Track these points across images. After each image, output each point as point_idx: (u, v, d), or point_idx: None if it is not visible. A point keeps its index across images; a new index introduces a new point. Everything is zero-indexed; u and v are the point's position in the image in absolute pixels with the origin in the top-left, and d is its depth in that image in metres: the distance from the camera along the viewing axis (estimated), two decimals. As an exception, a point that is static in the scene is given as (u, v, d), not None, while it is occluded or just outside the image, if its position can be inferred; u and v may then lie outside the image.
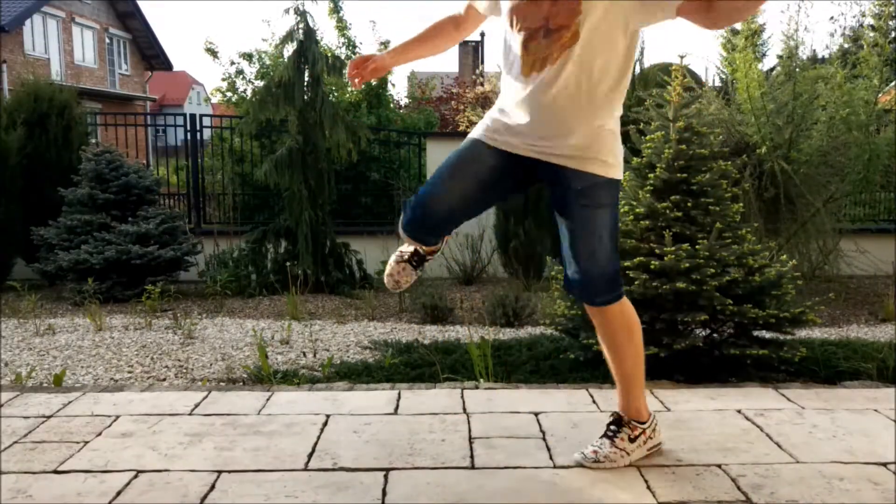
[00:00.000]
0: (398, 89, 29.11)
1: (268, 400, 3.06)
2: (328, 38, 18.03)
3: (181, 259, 6.89)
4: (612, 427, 2.41)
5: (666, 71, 4.83)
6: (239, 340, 4.67)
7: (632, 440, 2.38)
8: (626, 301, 2.37)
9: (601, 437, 2.41)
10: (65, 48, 24.33)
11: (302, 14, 6.78)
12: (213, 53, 12.46)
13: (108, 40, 26.76)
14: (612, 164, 2.28)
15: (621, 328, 2.37)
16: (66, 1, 24.11)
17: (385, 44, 12.74)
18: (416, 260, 2.53)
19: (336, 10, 11.83)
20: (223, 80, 12.61)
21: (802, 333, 4.05)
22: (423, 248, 2.51)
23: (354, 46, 12.11)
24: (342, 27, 12.03)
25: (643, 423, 2.40)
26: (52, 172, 7.39)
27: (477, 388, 3.24)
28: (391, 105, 13.05)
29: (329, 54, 7.04)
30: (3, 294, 6.60)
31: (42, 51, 23.20)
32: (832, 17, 10.07)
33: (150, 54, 28.82)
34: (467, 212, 2.40)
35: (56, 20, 23.85)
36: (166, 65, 29.67)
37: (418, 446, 2.54)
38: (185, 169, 9.93)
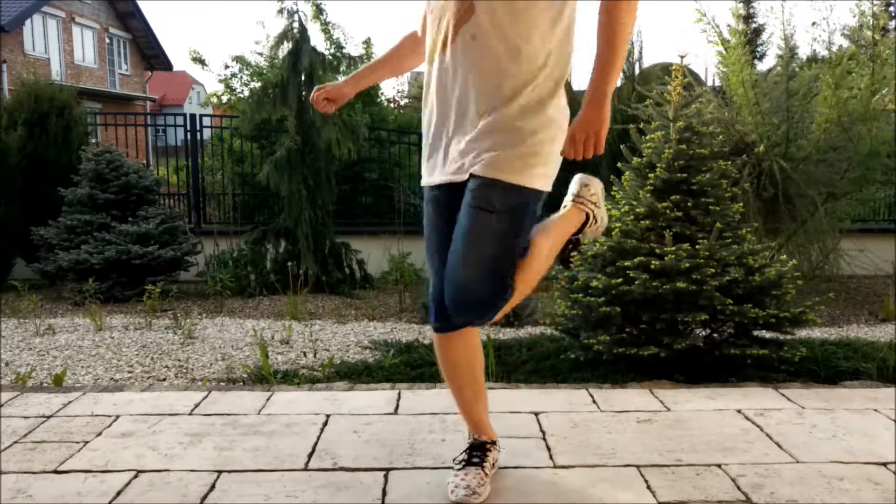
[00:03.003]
0: (392, 88, 29.11)
1: (268, 400, 3.06)
2: (315, 40, 18.09)
3: (181, 259, 6.89)
4: (475, 452, 2.25)
5: (666, 70, 4.83)
6: (239, 340, 4.67)
7: (492, 463, 2.28)
8: (477, 330, 2.22)
9: (465, 463, 2.23)
10: (65, 48, 24.32)
11: (296, 14, 6.78)
12: (200, 62, 12.48)
13: (108, 40, 26.75)
14: (516, 164, 1.94)
15: (474, 349, 2.26)
16: (66, 1, 24.11)
17: (367, 42, 12.80)
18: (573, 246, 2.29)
19: (319, 12, 11.84)
20: (220, 81, 12.64)
21: (802, 333, 4.05)
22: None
23: (341, 48, 12.13)
24: (327, 29, 12.06)
25: (495, 442, 2.32)
26: (52, 172, 7.39)
27: (477, 387, 3.23)
28: (387, 105, 13.05)
29: (324, 54, 7.02)
30: (3, 294, 6.60)
31: (42, 51, 23.19)
32: (814, 23, 10.06)
33: (150, 54, 28.82)
34: None
35: (56, 20, 23.85)
36: (166, 65, 29.66)
37: (418, 446, 2.54)
38: (185, 169, 9.93)
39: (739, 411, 2.89)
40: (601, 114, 1.89)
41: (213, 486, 2.24)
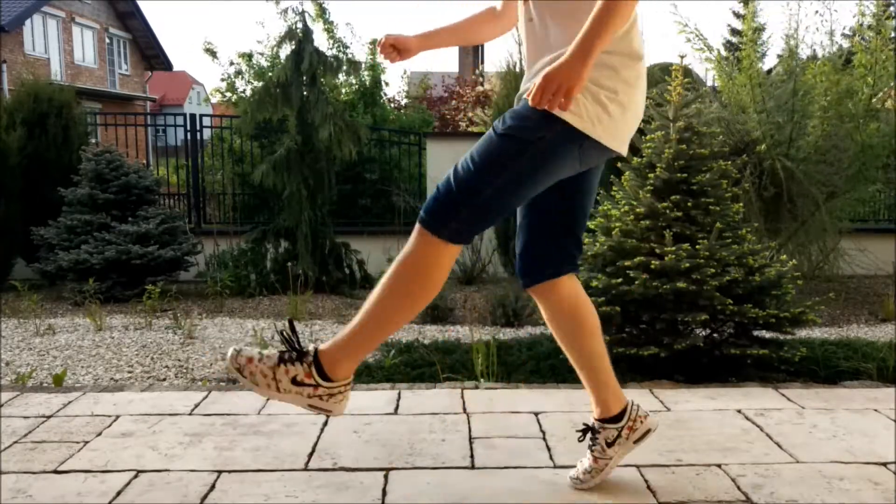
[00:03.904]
0: (395, 88, 29.14)
1: (268, 400, 3.06)
2: (318, 40, 18.11)
3: (181, 259, 6.90)
4: (301, 356, 1.92)
5: (666, 71, 4.83)
6: (239, 340, 4.67)
7: (295, 382, 1.89)
8: (441, 248, 1.88)
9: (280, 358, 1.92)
10: (65, 48, 24.33)
11: (300, 14, 6.78)
12: (212, 54, 12.49)
13: (108, 40, 26.77)
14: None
15: (410, 262, 1.90)
16: (66, 1, 24.11)
17: (373, 42, 12.78)
18: None
19: (322, 12, 11.86)
20: (222, 80, 12.65)
21: (802, 333, 4.05)
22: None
23: (346, 47, 12.15)
24: (330, 29, 12.08)
25: (325, 378, 1.90)
26: (51, 172, 7.39)
27: (477, 388, 3.24)
28: (390, 106, 13.07)
29: (326, 55, 7.03)
30: (3, 294, 6.61)
31: (42, 51, 23.21)
32: (817, 11, 10.00)
33: (150, 54, 28.84)
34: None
35: (56, 20, 23.86)
36: (166, 65, 29.69)
37: (418, 446, 2.54)
38: (185, 169, 9.93)
39: (739, 411, 2.89)
40: (582, 68, 1.73)
41: (213, 486, 2.24)
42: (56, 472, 2.35)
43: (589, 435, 2.22)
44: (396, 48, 2.22)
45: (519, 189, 1.89)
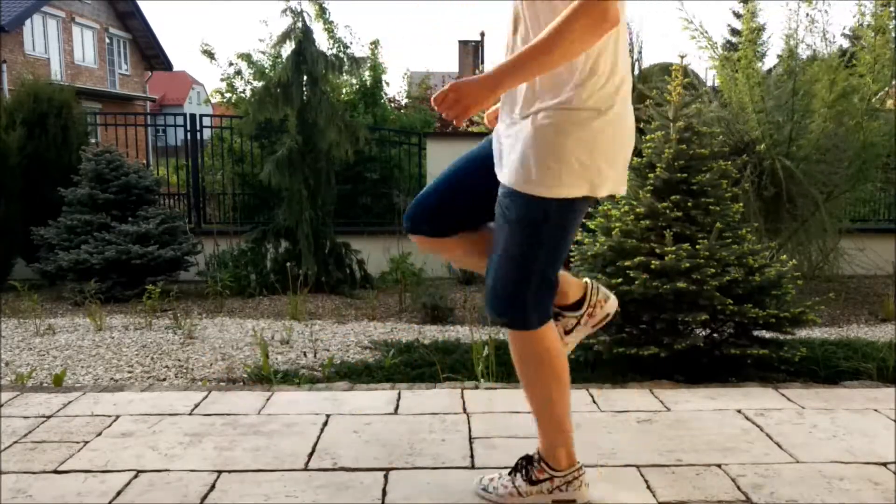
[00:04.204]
0: (395, 88, 29.14)
1: (268, 400, 3.06)
2: (319, 39, 18.15)
3: (181, 259, 6.90)
4: (522, 461, 2.15)
5: (666, 71, 4.83)
6: (239, 340, 4.67)
7: (532, 482, 2.09)
8: (540, 336, 2.01)
9: (511, 470, 2.16)
10: (65, 48, 24.33)
11: (299, 14, 6.78)
12: (210, 55, 12.49)
13: (108, 40, 26.77)
14: (530, 175, 1.87)
15: (525, 359, 2.05)
16: (66, 1, 24.11)
17: (375, 43, 12.77)
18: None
19: (322, 12, 11.85)
20: (222, 80, 12.64)
21: (802, 333, 4.05)
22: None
23: (346, 47, 12.14)
24: (330, 29, 12.07)
25: (557, 470, 2.09)
26: (51, 172, 7.39)
27: (477, 388, 3.24)
28: (389, 106, 13.06)
29: (327, 54, 7.03)
30: (3, 294, 6.61)
31: (42, 51, 23.20)
32: (808, 14, 9.95)
33: (150, 54, 28.83)
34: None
35: (56, 20, 23.85)
36: (166, 65, 29.68)
37: (418, 446, 2.54)
38: (184, 169, 9.93)
39: (739, 411, 2.89)
40: (484, 91, 1.77)
41: (213, 486, 2.24)
42: (56, 472, 2.35)
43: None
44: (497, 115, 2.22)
45: (558, 252, 1.99)
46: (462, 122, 1.82)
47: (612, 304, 2.24)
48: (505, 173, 1.95)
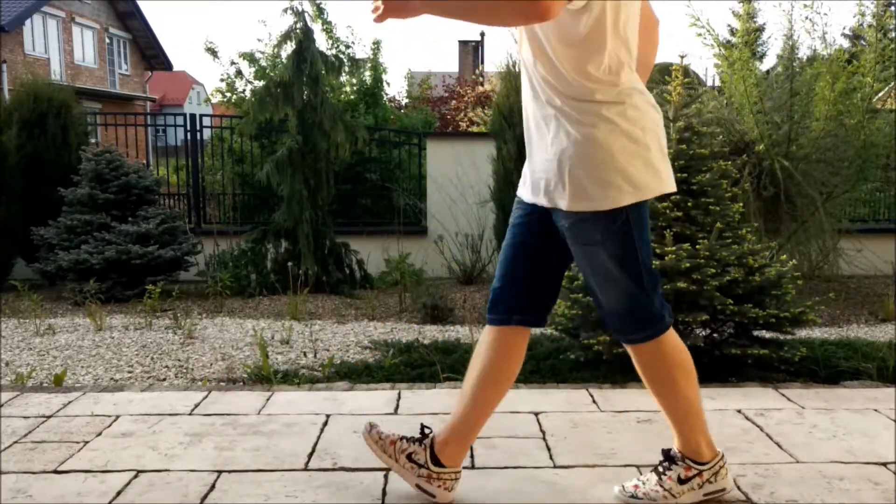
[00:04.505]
0: (396, 88, 29.12)
1: (268, 400, 3.06)
2: (318, 40, 18.22)
3: (181, 259, 6.90)
4: (664, 462, 2.13)
5: (666, 71, 4.83)
6: (239, 340, 4.67)
7: (682, 481, 2.09)
8: (664, 339, 2.03)
9: (650, 472, 2.16)
10: (65, 48, 24.33)
11: (300, 14, 6.78)
12: (213, 53, 12.49)
13: (108, 40, 26.77)
14: (587, 192, 1.90)
15: (659, 364, 2.06)
16: (66, 1, 24.11)
17: (377, 43, 12.76)
18: None
19: (321, 12, 11.85)
20: (222, 80, 12.64)
21: (802, 333, 4.05)
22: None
23: (347, 46, 12.14)
24: (329, 29, 12.07)
25: (701, 463, 2.09)
26: (51, 172, 7.39)
27: (477, 388, 3.23)
28: (389, 105, 13.06)
29: (327, 54, 7.03)
30: (3, 294, 6.61)
31: (42, 51, 23.21)
32: (807, 17, 9.99)
33: (150, 54, 28.84)
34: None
35: (56, 20, 23.86)
36: (166, 65, 29.69)
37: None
38: (185, 169, 9.93)
39: (739, 411, 2.89)
40: (409, 6, 1.81)
41: (213, 486, 2.24)
42: (56, 472, 2.35)
43: None
44: None
45: (650, 248, 2.03)
46: (379, 22, 1.86)
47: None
48: (559, 203, 1.95)
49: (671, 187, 2.01)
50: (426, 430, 2.18)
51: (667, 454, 2.14)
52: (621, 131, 1.89)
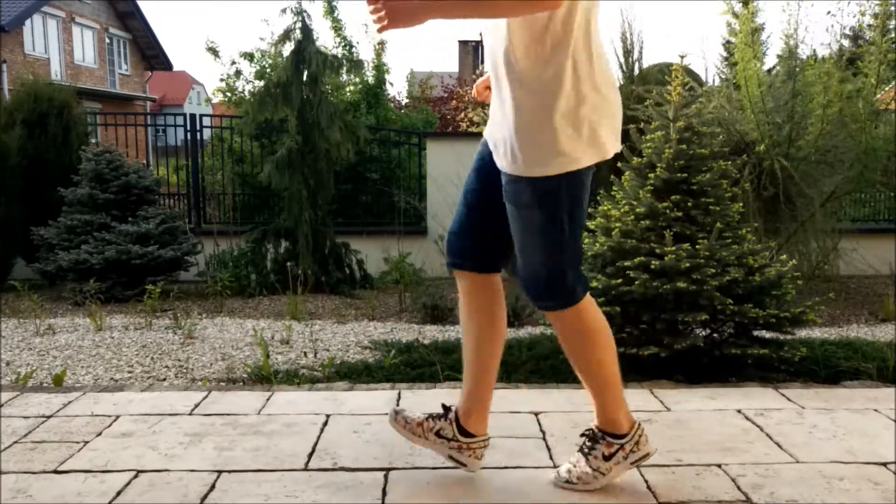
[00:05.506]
0: (396, 89, 29.16)
1: (268, 400, 3.06)
2: (325, 37, 18.15)
3: (181, 259, 6.90)
4: (587, 443, 2.19)
5: (666, 71, 4.84)
6: (239, 340, 4.67)
7: (607, 458, 2.15)
8: (582, 307, 2.08)
9: (577, 453, 2.21)
10: (65, 48, 24.34)
11: (299, 14, 6.78)
12: (214, 52, 12.51)
13: (108, 40, 26.78)
14: (521, 156, 1.94)
15: (574, 334, 2.13)
16: (66, 1, 24.11)
17: (382, 44, 12.76)
18: None
19: (331, 10, 11.86)
20: (221, 80, 12.67)
21: (802, 333, 4.05)
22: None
23: (351, 46, 12.15)
24: (338, 27, 12.07)
25: (621, 437, 2.15)
26: (52, 172, 7.39)
27: (477, 387, 3.23)
28: (390, 105, 13.07)
29: (327, 54, 7.03)
30: (3, 294, 6.61)
31: (42, 51, 23.21)
32: (829, 12, 10.08)
33: (150, 54, 28.85)
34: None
35: (56, 20, 23.86)
36: (166, 65, 29.70)
37: (418, 446, 2.53)
38: (184, 169, 9.94)
39: (739, 411, 2.89)
40: (415, 10, 1.82)
41: (213, 486, 2.24)
42: (56, 472, 2.35)
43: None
44: (488, 86, 2.25)
45: (579, 223, 2.05)
46: (382, 32, 1.91)
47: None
48: (502, 161, 2.00)
49: (607, 155, 2.02)
50: (447, 405, 2.27)
51: (589, 434, 2.21)
52: (563, 98, 1.91)
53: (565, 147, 1.93)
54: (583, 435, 2.22)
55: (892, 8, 6.13)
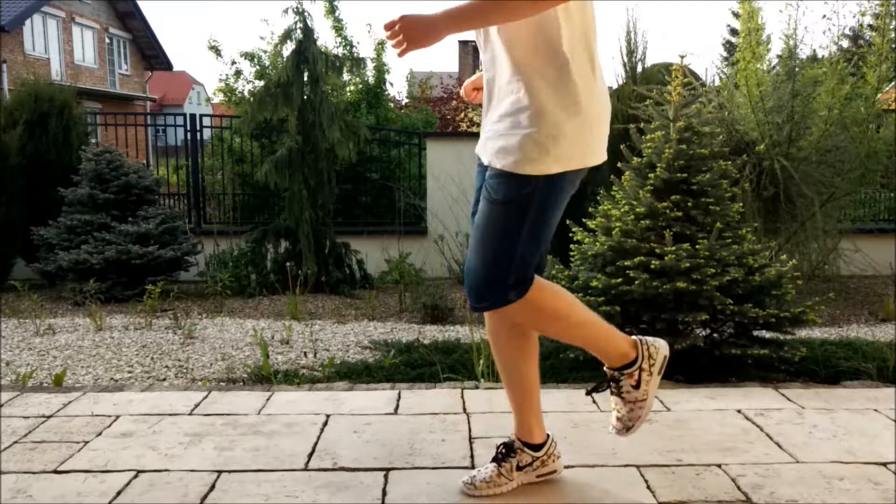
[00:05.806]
0: (397, 89, 29.17)
1: (268, 400, 3.06)
2: (325, 37, 18.17)
3: (181, 259, 6.90)
4: (503, 451, 2.21)
5: (666, 70, 4.84)
6: (239, 340, 4.67)
7: (520, 468, 2.19)
8: (509, 314, 2.05)
9: (491, 461, 2.23)
10: (65, 48, 24.33)
11: (300, 14, 6.78)
12: (216, 51, 12.52)
13: (108, 40, 26.77)
14: (518, 154, 1.92)
15: (500, 344, 2.16)
16: (66, 1, 24.11)
17: (382, 43, 12.79)
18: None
19: (332, 10, 11.87)
20: (221, 80, 12.69)
21: (802, 333, 4.05)
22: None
23: (352, 46, 12.15)
24: (339, 27, 12.09)
25: (537, 448, 2.19)
26: (52, 172, 7.39)
27: (477, 388, 3.24)
28: (390, 105, 13.09)
29: (328, 54, 7.03)
30: (3, 294, 6.60)
31: (42, 51, 23.20)
32: (825, 16, 10.12)
33: (150, 54, 28.84)
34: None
35: (56, 20, 23.86)
36: (166, 65, 29.69)
37: (418, 446, 2.54)
38: (185, 169, 9.94)
39: (739, 411, 2.89)
40: (434, 38, 1.82)
41: (213, 486, 2.24)
42: (56, 472, 2.35)
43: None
44: (477, 87, 2.25)
45: (541, 231, 2.00)
46: (403, 56, 1.87)
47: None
48: (487, 154, 1.99)
49: (595, 162, 2.01)
50: (505, 442, 2.23)
51: (506, 444, 2.22)
52: (556, 101, 1.91)
53: (560, 148, 1.93)
54: (503, 445, 2.23)
55: (893, 8, 6.13)
